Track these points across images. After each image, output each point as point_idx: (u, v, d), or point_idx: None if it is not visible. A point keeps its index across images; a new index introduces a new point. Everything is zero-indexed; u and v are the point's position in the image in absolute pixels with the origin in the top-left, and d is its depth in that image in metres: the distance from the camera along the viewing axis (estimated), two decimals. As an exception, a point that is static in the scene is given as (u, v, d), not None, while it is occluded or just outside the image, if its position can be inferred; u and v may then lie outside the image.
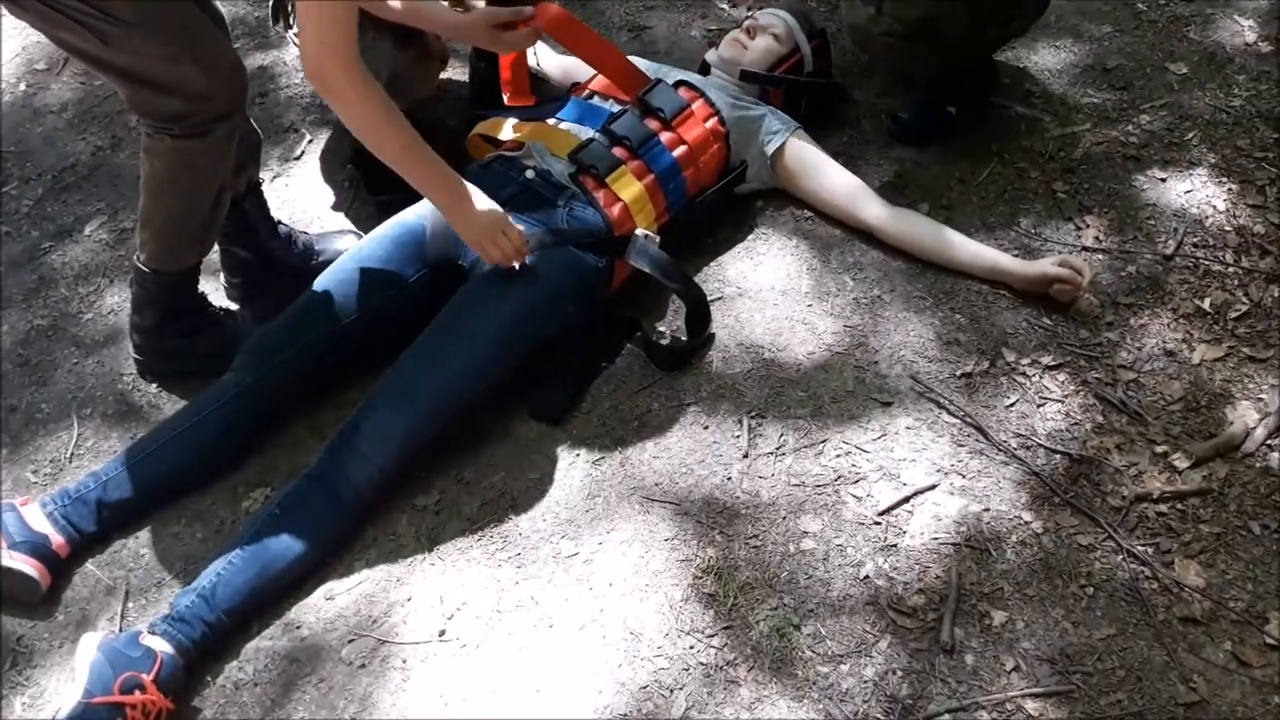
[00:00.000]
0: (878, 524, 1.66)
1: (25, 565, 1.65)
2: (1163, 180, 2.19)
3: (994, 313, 1.97)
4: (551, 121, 2.11)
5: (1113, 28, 2.59)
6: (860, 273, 2.08)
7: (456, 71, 2.65)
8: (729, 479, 1.75)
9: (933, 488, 1.70)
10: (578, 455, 1.81)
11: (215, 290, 2.14)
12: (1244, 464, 1.70)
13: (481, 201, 1.75)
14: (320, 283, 1.91)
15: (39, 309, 2.20)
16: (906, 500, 1.69)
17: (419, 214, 1.99)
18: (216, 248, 2.06)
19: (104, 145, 2.57)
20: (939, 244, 2.04)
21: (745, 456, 1.78)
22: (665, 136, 2.07)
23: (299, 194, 2.36)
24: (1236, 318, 1.92)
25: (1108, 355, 1.88)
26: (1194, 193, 2.15)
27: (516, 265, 1.80)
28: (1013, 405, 1.82)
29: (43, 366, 2.09)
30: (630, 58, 2.28)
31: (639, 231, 1.97)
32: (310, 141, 2.49)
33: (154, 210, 1.84)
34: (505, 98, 2.18)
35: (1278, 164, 2.17)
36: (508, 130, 2.11)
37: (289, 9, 2.14)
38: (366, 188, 2.30)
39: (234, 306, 2.13)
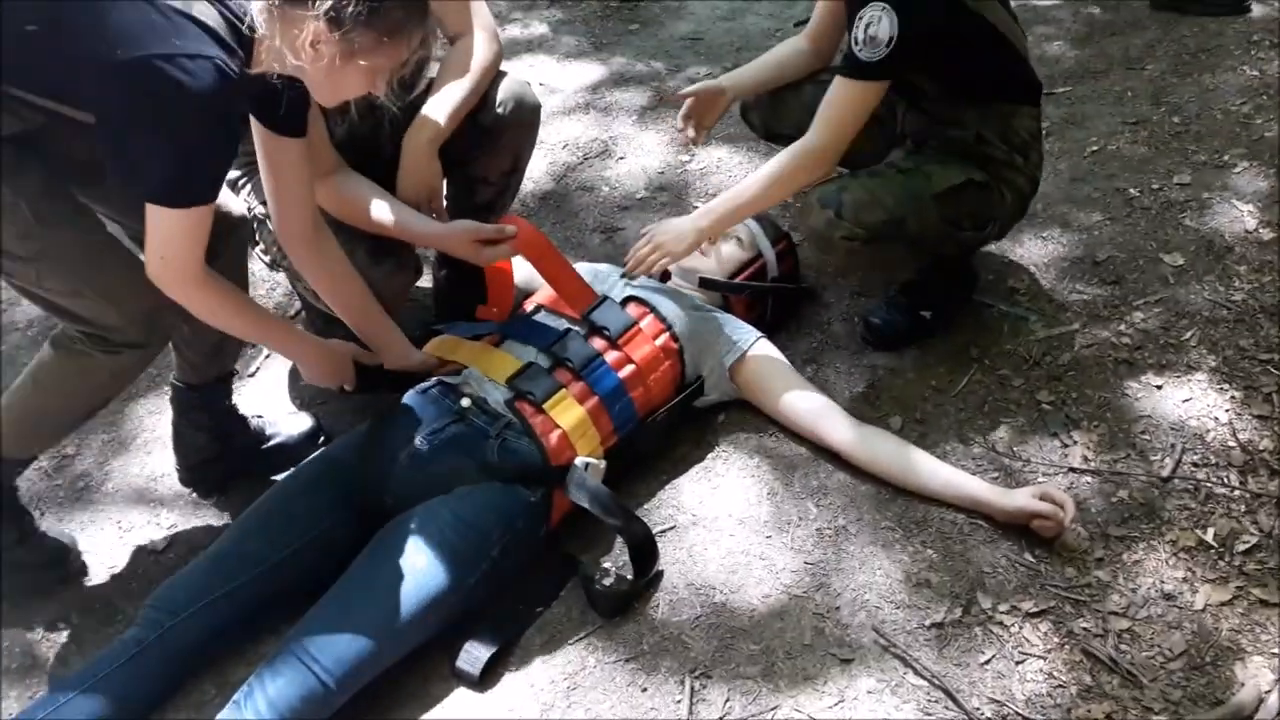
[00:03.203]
0: (827, 819, 1.45)
1: None
2: (1158, 388, 2.01)
3: (970, 547, 1.78)
4: (494, 342, 2.02)
5: (1103, 215, 2.47)
6: (825, 498, 1.91)
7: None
8: (664, 758, 1.56)
9: (893, 771, 1.49)
10: (499, 727, 1.63)
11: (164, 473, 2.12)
12: (1257, 741, 1.47)
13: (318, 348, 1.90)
14: (235, 527, 1.80)
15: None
16: (862, 789, 1.47)
17: (344, 447, 1.89)
18: (170, 429, 2.07)
19: None
20: (908, 470, 1.87)
21: (684, 729, 1.59)
22: (611, 356, 1.95)
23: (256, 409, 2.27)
24: (1244, 551, 1.71)
25: (1097, 599, 1.67)
26: (1193, 401, 1.97)
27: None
28: (988, 663, 1.61)
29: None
30: (587, 265, 2.21)
31: (579, 461, 1.84)
32: (268, 356, 2.43)
33: (23, 395, 1.79)
34: (482, 309, 2.14)
35: (1284, 367, 1.99)
36: (449, 353, 2.02)
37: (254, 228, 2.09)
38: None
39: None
